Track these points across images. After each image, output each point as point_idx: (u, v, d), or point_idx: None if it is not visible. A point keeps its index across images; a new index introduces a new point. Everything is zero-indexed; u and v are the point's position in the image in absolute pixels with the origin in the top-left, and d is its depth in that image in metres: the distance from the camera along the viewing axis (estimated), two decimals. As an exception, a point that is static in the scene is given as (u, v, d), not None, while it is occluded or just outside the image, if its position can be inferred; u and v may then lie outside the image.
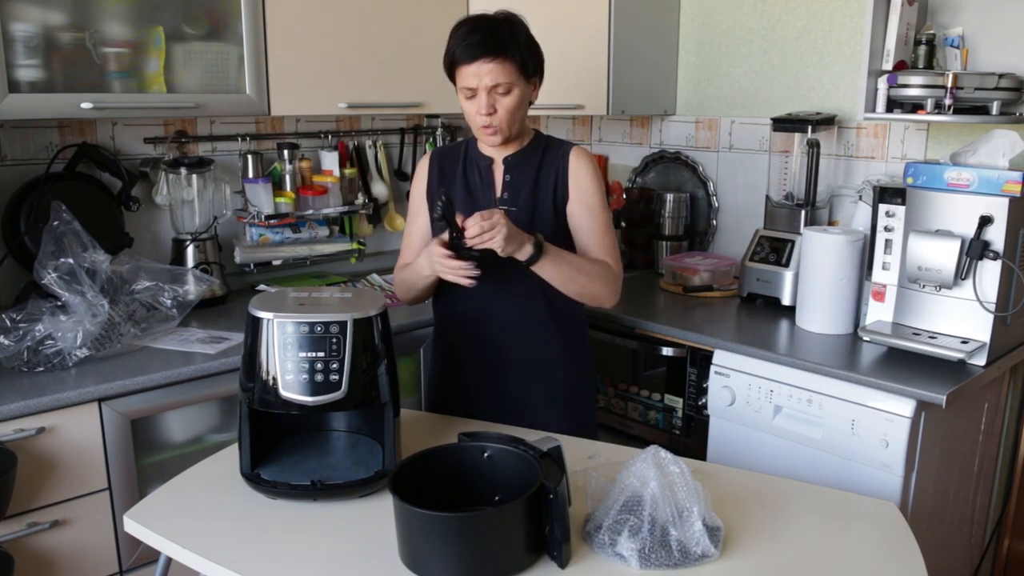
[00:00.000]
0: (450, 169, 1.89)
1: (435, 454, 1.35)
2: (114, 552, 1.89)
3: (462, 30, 1.72)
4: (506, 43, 1.70)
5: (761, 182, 2.75)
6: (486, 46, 1.68)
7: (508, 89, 1.72)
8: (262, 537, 1.33)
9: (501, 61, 1.69)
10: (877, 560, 1.27)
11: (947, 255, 1.93)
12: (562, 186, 1.82)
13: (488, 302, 1.84)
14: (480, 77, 1.70)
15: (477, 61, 1.69)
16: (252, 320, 1.41)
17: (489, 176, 1.85)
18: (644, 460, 1.27)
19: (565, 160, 1.83)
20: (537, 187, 1.83)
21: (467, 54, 1.69)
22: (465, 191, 1.86)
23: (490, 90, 1.71)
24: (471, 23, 1.72)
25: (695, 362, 2.33)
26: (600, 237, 1.83)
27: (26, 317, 1.88)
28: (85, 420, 1.80)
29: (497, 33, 1.70)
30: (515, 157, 1.84)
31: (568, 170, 1.83)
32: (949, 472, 2.12)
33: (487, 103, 1.72)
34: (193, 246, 2.43)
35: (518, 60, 1.71)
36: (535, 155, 1.85)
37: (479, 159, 1.87)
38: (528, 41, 1.75)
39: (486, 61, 1.68)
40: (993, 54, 2.22)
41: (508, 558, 1.20)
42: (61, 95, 1.97)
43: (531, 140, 1.86)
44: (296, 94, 2.33)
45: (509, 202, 1.83)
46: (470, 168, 1.88)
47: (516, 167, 1.84)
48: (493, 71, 1.69)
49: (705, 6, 2.90)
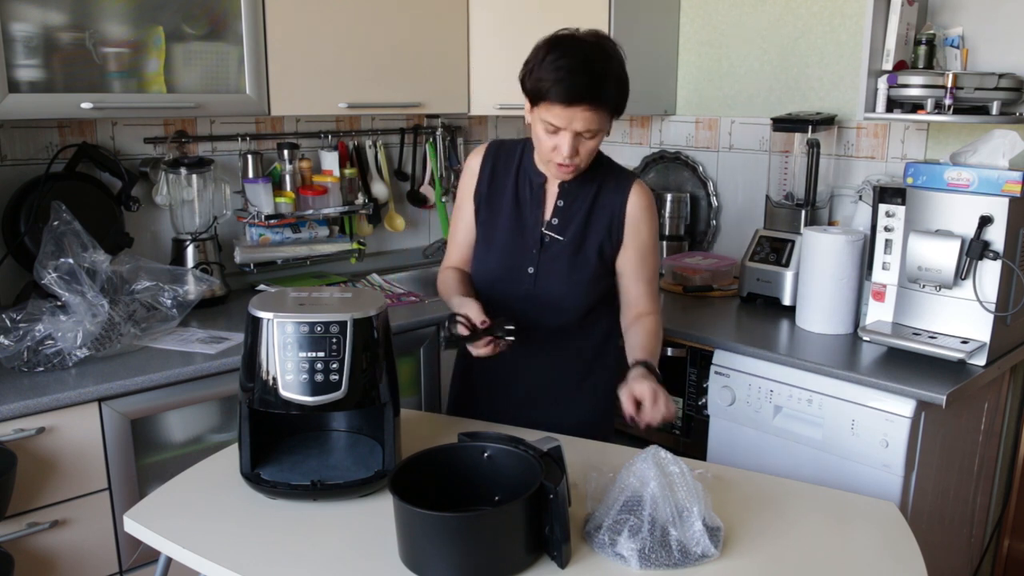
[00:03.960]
0: (503, 172, 1.77)
1: (435, 454, 1.35)
2: (114, 552, 1.89)
3: (562, 63, 1.54)
4: (608, 92, 1.56)
5: (761, 182, 2.75)
6: (588, 94, 1.53)
7: (595, 135, 1.60)
8: (262, 537, 1.33)
9: (597, 109, 1.55)
10: (877, 560, 1.27)
11: (947, 255, 1.92)
12: (617, 227, 1.72)
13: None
14: (571, 121, 1.56)
15: (573, 106, 1.54)
16: (252, 320, 1.41)
17: (541, 194, 1.74)
18: (644, 460, 1.27)
19: (624, 198, 1.71)
20: (590, 221, 1.72)
21: (565, 96, 1.53)
22: (514, 203, 1.75)
23: (577, 134, 1.58)
24: (571, 56, 1.54)
25: (695, 362, 2.33)
26: (647, 286, 1.76)
27: (26, 317, 1.88)
28: (85, 420, 1.80)
29: (602, 80, 1.55)
30: (572, 183, 1.71)
31: (626, 212, 1.71)
32: (949, 472, 2.12)
33: (571, 146, 1.58)
34: (193, 246, 2.43)
35: (611, 106, 1.58)
36: (592, 183, 1.72)
37: (534, 174, 1.74)
38: (622, 80, 1.60)
39: (584, 109, 1.54)
40: (993, 54, 2.22)
41: (508, 558, 1.20)
42: (61, 95, 1.97)
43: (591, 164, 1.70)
44: (296, 94, 2.33)
45: (558, 229, 1.72)
46: (522, 179, 1.75)
47: (571, 194, 1.72)
48: (587, 119, 1.56)
49: (705, 6, 2.90)
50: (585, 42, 1.58)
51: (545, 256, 1.73)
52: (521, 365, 1.79)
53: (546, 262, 1.73)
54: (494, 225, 1.77)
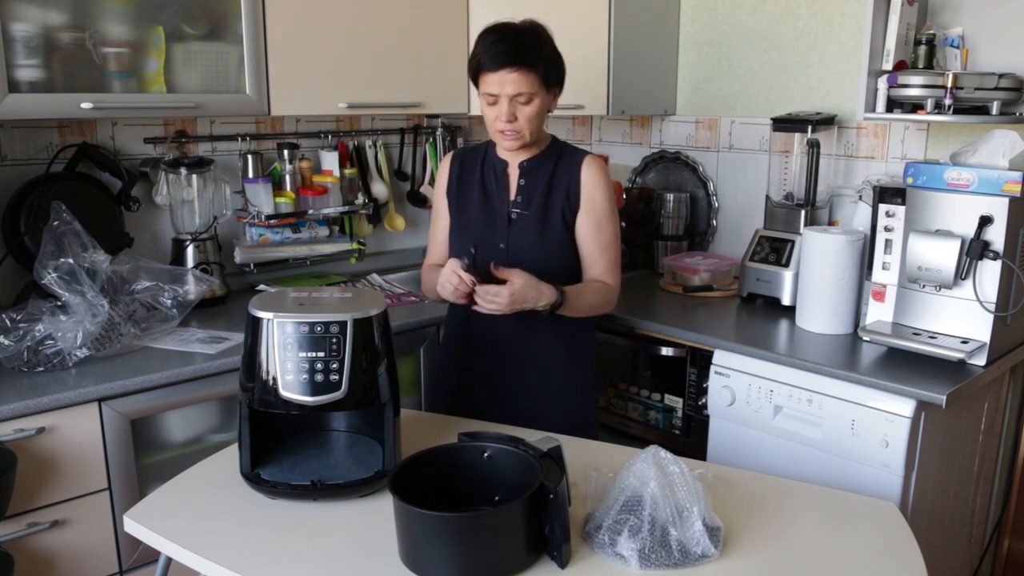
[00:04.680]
0: (469, 169, 1.95)
1: (435, 454, 1.35)
2: (114, 552, 1.89)
3: (490, 38, 1.76)
4: (531, 54, 1.74)
5: (761, 182, 2.75)
6: (511, 56, 1.73)
7: (529, 99, 1.76)
8: (262, 537, 1.33)
9: (525, 71, 1.74)
10: (877, 560, 1.28)
11: (947, 255, 1.93)
12: (574, 195, 1.87)
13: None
14: (503, 85, 1.74)
15: (502, 70, 1.73)
16: (252, 320, 1.41)
17: (504, 179, 1.91)
18: (644, 460, 1.27)
19: (578, 169, 1.87)
20: (550, 193, 1.87)
21: (492, 62, 1.74)
22: (481, 192, 1.92)
23: (512, 98, 1.76)
24: (498, 31, 1.77)
25: (695, 362, 2.33)
26: (604, 253, 1.89)
27: (26, 317, 1.88)
28: (85, 420, 1.80)
29: (523, 43, 1.74)
30: (530, 162, 1.89)
31: (581, 181, 1.87)
32: (949, 472, 2.12)
33: (508, 111, 1.77)
34: (193, 246, 2.43)
35: (541, 71, 1.76)
36: (550, 161, 1.89)
37: (496, 162, 1.92)
38: (552, 52, 1.80)
39: (511, 71, 1.73)
40: (993, 54, 2.22)
41: (508, 558, 1.20)
42: (61, 95, 1.97)
43: (547, 146, 1.91)
44: (296, 94, 2.33)
45: (522, 205, 1.88)
46: (487, 170, 1.93)
47: (531, 172, 1.89)
48: (516, 80, 1.74)
49: (705, 6, 2.90)
50: (514, 23, 1.79)
51: (514, 230, 1.88)
52: (495, 345, 1.91)
53: (515, 235, 1.87)
54: (466, 212, 1.92)
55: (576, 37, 2.67)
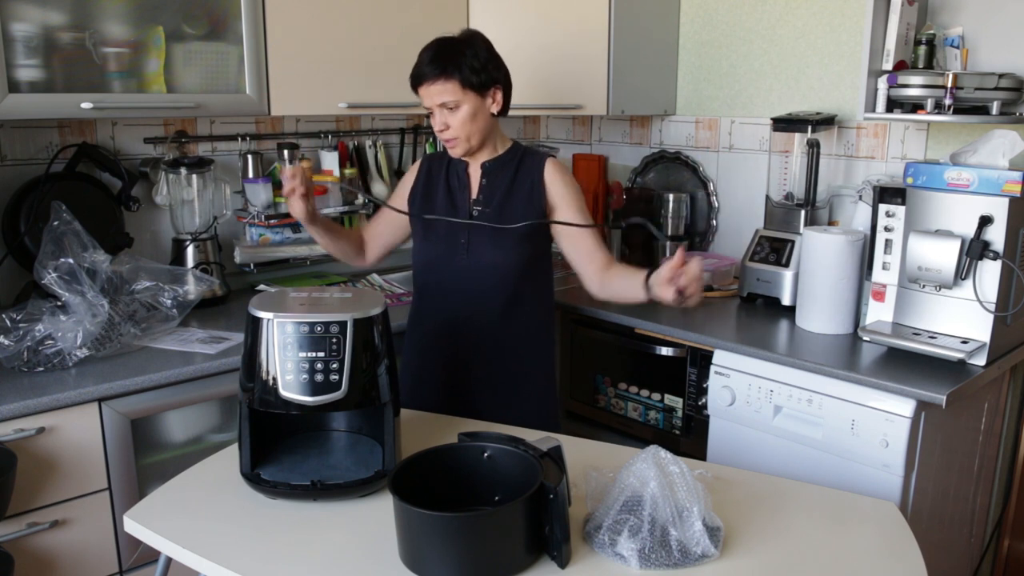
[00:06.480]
0: (436, 173, 2.02)
1: (435, 454, 1.35)
2: (114, 552, 1.89)
3: (419, 56, 1.85)
4: (446, 64, 1.80)
5: (761, 182, 2.75)
6: (429, 68, 1.81)
7: (456, 105, 1.83)
8: (262, 537, 1.33)
9: (443, 81, 1.80)
10: (877, 560, 1.28)
11: (947, 255, 1.93)
12: (538, 193, 1.93)
13: (454, 297, 1.96)
14: (430, 97, 1.83)
15: (424, 83, 1.83)
16: (252, 320, 1.41)
17: (466, 179, 1.97)
18: (644, 460, 1.27)
19: (540, 170, 1.94)
20: (512, 191, 1.93)
21: (415, 79, 1.84)
22: (446, 192, 1.98)
23: (440, 107, 1.83)
24: (425, 48, 1.85)
25: (695, 362, 2.33)
26: (596, 240, 1.94)
27: (26, 317, 1.88)
28: (85, 420, 1.80)
29: (440, 55, 1.81)
30: (492, 164, 1.96)
31: (544, 181, 1.93)
32: (949, 472, 2.12)
33: (440, 120, 1.85)
34: (193, 246, 2.43)
35: (459, 78, 1.80)
36: (511, 163, 1.96)
37: (459, 164, 1.98)
38: (474, 57, 1.83)
39: (431, 82, 1.82)
40: (993, 54, 2.22)
41: (508, 558, 1.20)
42: (61, 95, 1.97)
43: (508, 149, 1.97)
44: (296, 94, 2.33)
45: (483, 203, 1.95)
46: (452, 173, 1.99)
47: (492, 172, 1.95)
48: (438, 91, 1.81)
49: (705, 6, 2.90)
50: (447, 36, 1.86)
51: (475, 227, 1.94)
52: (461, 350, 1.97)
53: (476, 231, 1.93)
54: (431, 211, 1.98)
55: (576, 37, 2.68)
